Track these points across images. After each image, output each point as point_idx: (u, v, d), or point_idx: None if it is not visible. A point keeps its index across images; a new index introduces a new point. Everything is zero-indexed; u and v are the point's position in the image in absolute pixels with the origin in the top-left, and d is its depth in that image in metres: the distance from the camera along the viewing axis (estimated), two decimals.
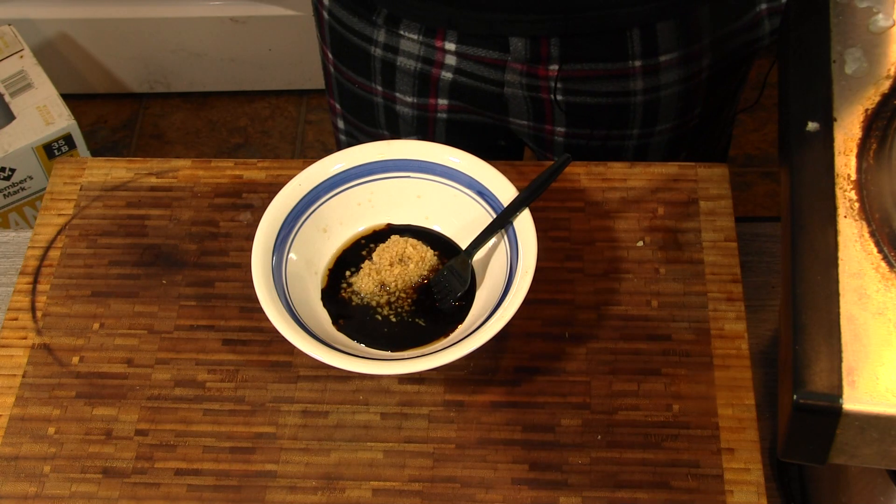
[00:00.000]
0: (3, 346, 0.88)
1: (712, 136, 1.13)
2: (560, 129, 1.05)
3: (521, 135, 1.09)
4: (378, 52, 1.02)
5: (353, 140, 1.14)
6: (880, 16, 0.75)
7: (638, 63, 0.98)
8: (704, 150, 1.13)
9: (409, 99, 1.05)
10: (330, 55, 1.09)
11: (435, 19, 0.98)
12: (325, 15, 1.05)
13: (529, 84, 1.00)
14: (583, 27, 0.95)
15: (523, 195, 0.86)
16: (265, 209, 0.87)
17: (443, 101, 1.05)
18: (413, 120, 1.07)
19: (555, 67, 0.98)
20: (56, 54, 2.18)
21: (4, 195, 1.80)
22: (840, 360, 0.62)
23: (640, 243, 0.91)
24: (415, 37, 1.00)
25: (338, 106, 1.13)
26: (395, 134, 1.09)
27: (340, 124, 1.14)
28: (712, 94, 1.05)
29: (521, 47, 0.97)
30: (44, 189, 1.61)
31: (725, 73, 1.04)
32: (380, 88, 1.06)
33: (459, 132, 1.08)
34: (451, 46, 0.99)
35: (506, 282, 0.83)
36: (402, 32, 1.00)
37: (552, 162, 0.89)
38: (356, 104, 1.10)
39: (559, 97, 1.01)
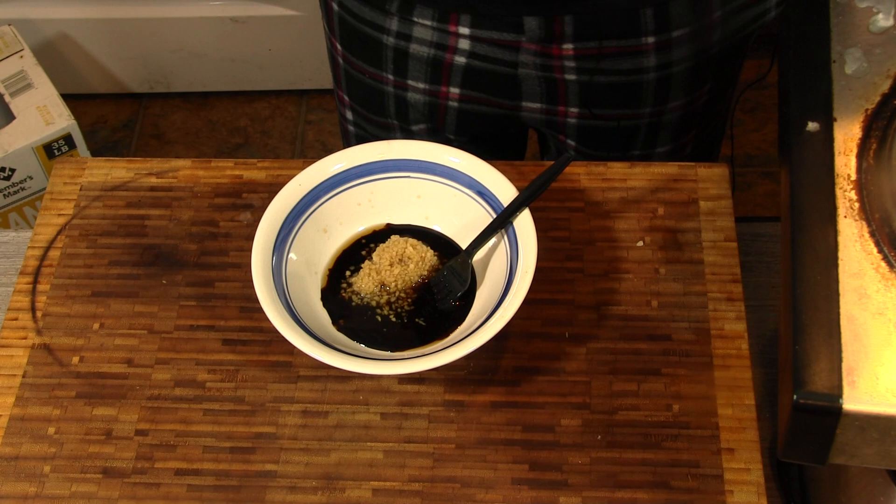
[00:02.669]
0: (3, 346, 0.88)
1: (719, 113, 1.13)
2: (573, 111, 1.05)
3: (533, 122, 1.09)
4: (390, 40, 1.02)
5: (362, 131, 1.14)
6: (880, 16, 0.75)
7: (651, 39, 0.98)
8: (713, 128, 1.13)
9: (420, 85, 1.05)
10: (339, 47, 1.09)
11: (450, 3, 0.98)
12: (335, 7, 1.05)
13: (543, 64, 1.01)
14: (598, 5, 0.95)
15: (523, 195, 0.86)
16: (265, 209, 0.87)
17: (454, 90, 1.05)
18: (424, 107, 1.07)
19: (569, 46, 0.98)
20: (56, 54, 2.18)
21: (4, 195, 1.80)
22: (840, 360, 0.62)
23: (640, 243, 0.91)
24: (428, 23, 1.00)
25: (346, 97, 1.13)
26: (405, 123, 1.09)
27: (349, 115, 1.15)
28: (721, 70, 1.06)
29: (535, 27, 0.97)
30: (44, 189, 1.61)
31: (734, 48, 1.04)
32: (391, 77, 1.06)
33: (470, 121, 1.08)
34: (464, 30, 0.99)
35: (506, 282, 0.83)
36: (415, 19, 1.00)
37: (552, 162, 0.89)
38: (366, 94, 1.10)
39: (573, 76, 1.01)
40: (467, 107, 1.07)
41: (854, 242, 0.66)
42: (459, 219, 0.90)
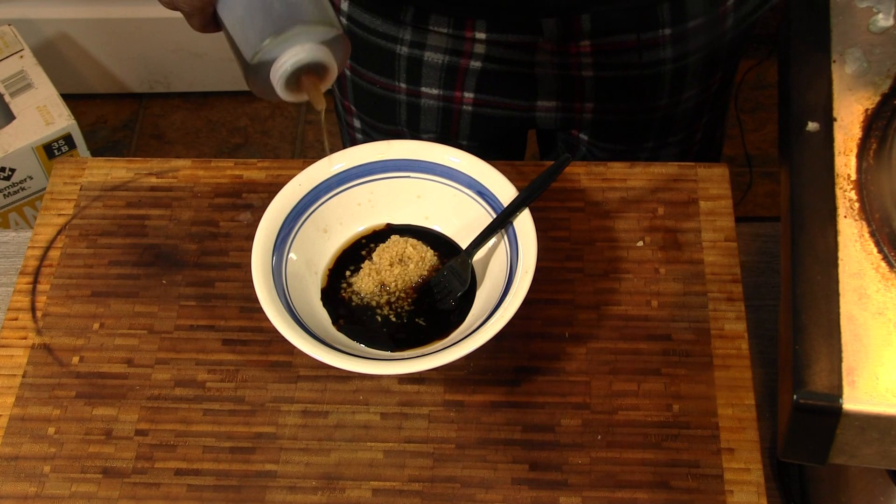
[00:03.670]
0: (3, 346, 0.88)
1: (726, 98, 1.14)
2: (589, 105, 1.05)
3: (547, 121, 1.08)
4: (404, 50, 1.02)
5: (370, 138, 1.14)
6: (880, 16, 0.75)
7: (667, 31, 0.98)
8: (720, 112, 1.14)
9: (434, 92, 1.05)
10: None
11: (467, 11, 0.98)
12: (343, 20, 1.05)
13: (560, 62, 1.01)
14: (617, 2, 0.95)
15: (523, 195, 0.86)
16: (265, 209, 0.87)
17: (468, 95, 1.05)
18: (438, 112, 1.07)
19: (586, 43, 0.98)
20: (56, 54, 2.18)
21: (4, 195, 1.80)
22: (840, 360, 0.62)
23: (640, 243, 0.91)
24: (444, 30, 1.00)
25: (353, 107, 1.13)
26: (415, 131, 1.09)
27: (356, 124, 1.14)
28: (732, 56, 1.06)
29: (553, 27, 0.97)
30: (44, 189, 1.61)
31: (744, 33, 1.05)
32: (403, 86, 1.05)
33: (482, 125, 1.08)
34: (480, 35, 0.99)
35: (506, 282, 0.83)
36: (430, 27, 1.00)
37: (552, 162, 0.89)
38: (375, 103, 1.10)
39: (590, 72, 1.01)
40: (481, 111, 1.07)
41: (854, 242, 0.66)
42: (459, 219, 0.90)
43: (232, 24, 0.72)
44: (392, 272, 0.87)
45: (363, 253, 0.90)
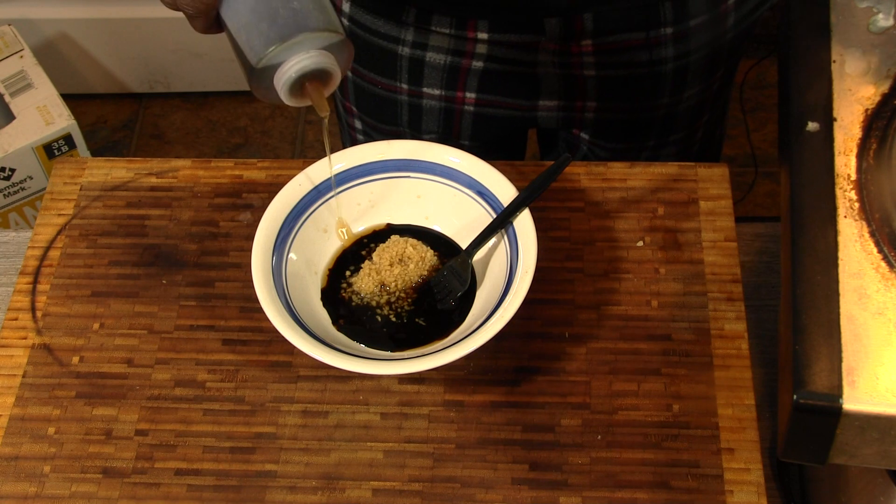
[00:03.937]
0: (3, 346, 0.88)
1: (726, 95, 1.14)
2: (590, 105, 1.05)
3: (549, 120, 1.08)
4: (406, 50, 1.02)
5: (371, 139, 1.14)
6: (880, 16, 0.75)
7: (669, 30, 0.98)
8: (721, 109, 1.14)
9: (436, 92, 1.05)
10: None
11: (469, 11, 0.98)
12: (345, 21, 1.05)
13: (562, 62, 1.01)
14: (619, 1, 0.95)
15: (523, 195, 0.86)
16: (265, 209, 0.87)
17: (470, 95, 1.05)
18: (440, 112, 1.07)
19: (588, 42, 0.99)
20: (56, 54, 2.18)
21: (4, 195, 1.80)
22: (840, 360, 0.62)
23: (640, 243, 0.91)
24: (446, 31, 1.00)
25: (354, 108, 1.13)
26: (417, 132, 1.09)
27: (357, 125, 1.14)
28: (733, 54, 1.06)
29: (555, 26, 0.97)
30: (44, 189, 1.61)
31: (745, 31, 1.05)
32: (405, 87, 1.05)
33: (484, 125, 1.08)
34: (482, 35, 0.99)
35: (506, 282, 0.83)
36: (432, 28, 1.00)
37: (552, 162, 0.89)
38: (377, 104, 1.10)
39: (592, 72, 1.01)
40: (483, 111, 1.07)
41: (854, 242, 0.66)
42: (459, 219, 0.90)
43: (236, 29, 0.72)
44: (392, 272, 0.87)
45: (363, 253, 0.90)
